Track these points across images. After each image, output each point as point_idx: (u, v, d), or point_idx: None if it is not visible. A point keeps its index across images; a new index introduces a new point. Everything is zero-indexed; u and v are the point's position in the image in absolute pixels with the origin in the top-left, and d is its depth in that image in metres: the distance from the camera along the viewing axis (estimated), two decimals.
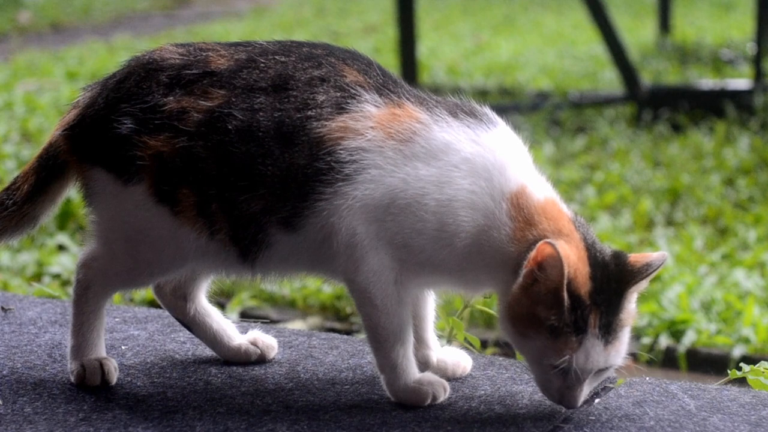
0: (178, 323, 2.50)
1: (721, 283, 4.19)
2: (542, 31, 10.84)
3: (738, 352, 3.63)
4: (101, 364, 2.15)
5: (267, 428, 1.98)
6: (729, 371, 2.33)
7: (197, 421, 2.01)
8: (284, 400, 2.10)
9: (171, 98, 2.04)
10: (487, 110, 2.08)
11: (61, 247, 4.49)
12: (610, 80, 7.77)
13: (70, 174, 2.16)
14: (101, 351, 2.18)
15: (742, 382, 2.31)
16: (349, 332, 3.70)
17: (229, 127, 2.02)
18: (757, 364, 2.31)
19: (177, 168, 2.03)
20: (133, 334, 2.44)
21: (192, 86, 2.05)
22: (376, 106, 2.04)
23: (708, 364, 3.65)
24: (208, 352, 2.31)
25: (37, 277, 4.12)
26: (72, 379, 2.16)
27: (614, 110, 6.95)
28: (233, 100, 2.03)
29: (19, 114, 6.77)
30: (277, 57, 2.08)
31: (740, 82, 7.09)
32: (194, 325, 2.27)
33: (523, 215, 2.00)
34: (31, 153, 5.75)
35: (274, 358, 2.29)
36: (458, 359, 2.21)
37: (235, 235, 2.05)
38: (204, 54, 2.09)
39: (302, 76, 2.05)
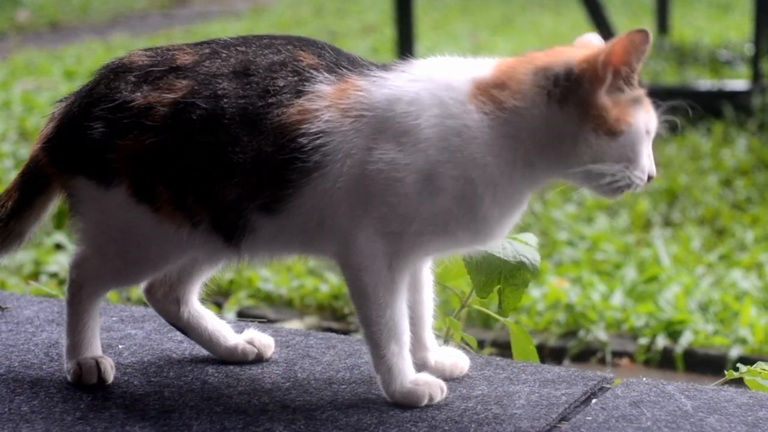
0: None
1: (719, 283, 4.20)
2: (540, 31, 10.84)
3: (735, 352, 3.63)
4: (97, 363, 2.15)
5: (264, 427, 1.98)
6: (726, 372, 2.33)
7: (194, 420, 2.01)
8: (281, 399, 2.10)
9: (138, 94, 2.04)
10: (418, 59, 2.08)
11: (58, 246, 4.49)
12: None
13: (53, 187, 2.16)
14: (97, 350, 2.18)
15: (739, 382, 2.31)
16: (346, 332, 3.71)
17: (194, 117, 2.02)
18: (754, 365, 2.32)
19: (149, 165, 2.03)
20: (130, 333, 2.44)
21: (158, 82, 2.05)
22: (327, 84, 2.02)
23: (705, 364, 3.66)
24: (205, 351, 2.31)
25: (35, 275, 4.12)
26: (69, 378, 2.16)
27: None
28: (196, 88, 2.03)
29: (17, 113, 6.77)
30: (239, 48, 2.08)
31: (738, 82, 7.09)
32: (189, 329, 2.27)
33: (491, 96, 1.97)
34: (29, 152, 5.75)
35: (271, 358, 2.29)
36: (456, 360, 2.21)
37: (217, 223, 2.05)
38: (170, 53, 2.10)
39: (262, 61, 2.05)
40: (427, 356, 2.17)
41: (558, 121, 1.96)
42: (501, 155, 1.97)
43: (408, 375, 2.05)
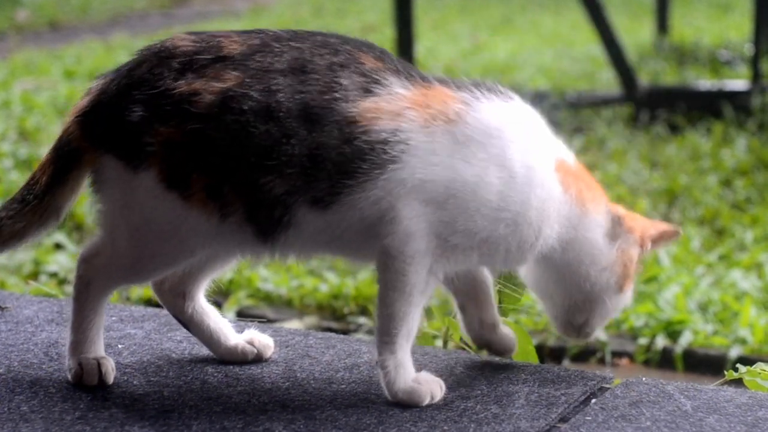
0: (174, 322, 2.50)
1: (718, 283, 4.20)
2: (540, 31, 10.85)
3: (735, 352, 3.63)
4: (99, 364, 2.14)
5: (263, 427, 1.98)
6: (726, 372, 2.33)
7: (193, 420, 2.01)
8: (281, 399, 2.10)
9: (182, 82, 2.03)
10: (500, 85, 2.14)
11: (58, 246, 4.49)
12: (607, 81, 7.78)
13: (85, 161, 2.13)
14: (100, 349, 2.17)
15: (738, 383, 2.31)
16: (345, 332, 3.71)
17: (245, 107, 2.01)
18: (754, 365, 2.32)
19: (187, 152, 2.02)
20: (130, 332, 2.44)
21: (204, 70, 2.04)
22: (405, 88, 2.05)
23: (705, 364, 3.66)
24: (204, 351, 2.31)
25: (34, 275, 4.12)
26: (69, 377, 2.15)
27: (612, 111, 6.96)
28: (247, 81, 2.02)
29: (17, 113, 6.77)
30: (291, 43, 2.08)
31: (738, 83, 7.10)
32: (191, 324, 2.27)
33: (570, 182, 2.11)
34: (28, 152, 5.75)
35: (270, 358, 2.29)
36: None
37: (251, 216, 2.03)
38: (217, 40, 2.08)
39: (320, 61, 2.05)
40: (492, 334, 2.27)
41: (606, 255, 2.17)
42: (561, 230, 2.13)
43: (411, 373, 2.06)
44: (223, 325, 2.27)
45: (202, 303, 2.25)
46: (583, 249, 2.15)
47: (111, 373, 2.15)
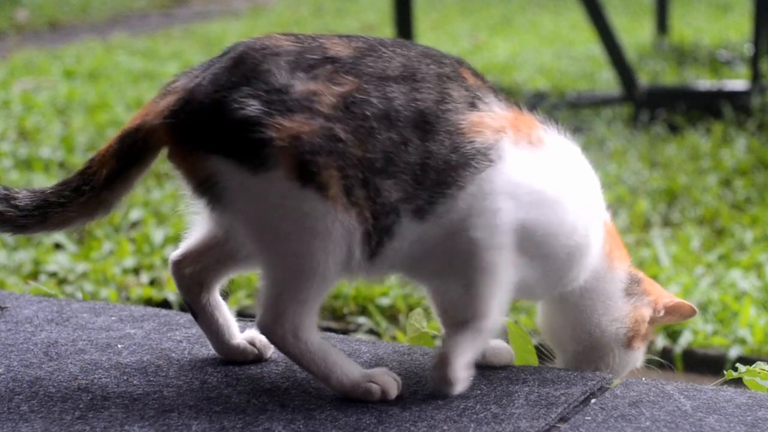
0: (174, 322, 2.50)
1: (718, 283, 4.19)
2: (540, 31, 10.85)
3: (734, 352, 3.63)
4: (387, 374, 2.09)
5: (263, 427, 1.98)
6: (725, 372, 2.33)
7: (193, 420, 2.01)
8: (280, 399, 2.10)
9: (297, 81, 1.99)
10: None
11: (57, 246, 4.49)
12: (607, 81, 7.78)
13: (152, 159, 2.06)
14: (356, 365, 2.09)
15: (738, 383, 2.31)
16: (345, 332, 3.71)
17: (368, 113, 2.00)
18: (754, 365, 2.32)
19: (319, 147, 1.96)
20: (129, 332, 2.44)
21: (315, 70, 2.01)
22: (500, 108, 2.11)
23: (704, 364, 3.66)
24: (204, 351, 2.31)
25: (34, 275, 4.12)
26: (369, 397, 2.06)
27: (611, 111, 6.95)
28: (365, 87, 2.01)
29: (16, 112, 6.77)
30: (397, 49, 2.09)
31: (737, 83, 7.09)
32: (202, 315, 2.23)
33: (608, 237, 2.23)
34: (28, 151, 5.75)
35: (270, 357, 2.29)
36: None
37: (374, 225, 2.01)
38: (317, 42, 2.06)
39: (429, 70, 2.07)
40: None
41: (620, 308, 2.26)
42: (587, 277, 2.22)
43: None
44: (231, 323, 2.26)
45: (216, 296, 2.24)
46: (600, 298, 2.23)
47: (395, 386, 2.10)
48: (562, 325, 2.28)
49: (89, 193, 2.08)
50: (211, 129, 1.99)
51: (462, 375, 2.10)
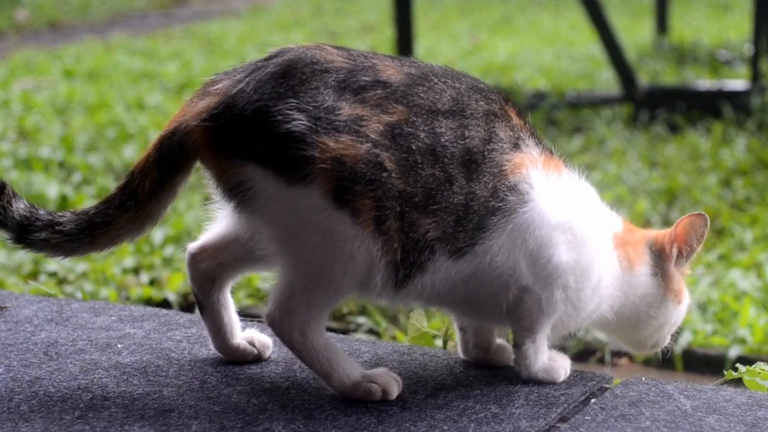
0: (174, 322, 2.50)
1: (718, 283, 4.19)
2: (539, 31, 10.85)
3: (734, 352, 3.63)
4: (388, 374, 2.09)
5: (263, 427, 1.98)
6: (725, 372, 2.33)
7: (193, 420, 2.01)
8: (280, 398, 2.10)
9: (344, 103, 1.95)
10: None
11: None
12: (607, 80, 7.78)
13: (192, 164, 2.03)
14: (357, 366, 2.10)
15: (738, 382, 2.31)
16: (345, 332, 3.70)
17: (413, 147, 1.96)
18: (753, 365, 2.32)
19: (360, 174, 1.93)
20: (129, 332, 2.44)
21: (364, 93, 1.97)
22: (537, 151, 2.10)
23: (704, 364, 3.66)
24: (204, 350, 2.31)
25: (34, 275, 4.12)
26: (370, 397, 2.07)
27: (611, 110, 6.95)
28: (414, 119, 1.97)
29: (16, 112, 6.77)
30: (448, 80, 2.05)
31: (737, 82, 7.09)
32: (209, 310, 2.22)
33: (621, 249, 2.19)
34: (27, 151, 5.75)
35: (269, 357, 2.29)
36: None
37: (403, 259, 1.99)
38: (369, 61, 2.01)
39: (477, 106, 2.04)
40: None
41: (657, 292, 2.22)
42: (613, 302, 2.19)
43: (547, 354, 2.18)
44: (235, 323, 2.26)
45: (227, 294, 2.24)
46: (644, 300, 2.20)
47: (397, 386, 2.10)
48: (630, 334, 2.27)
49: (134, 208, 2.05)
50: (252, 138, 1.95)
51: (548, 365, 2.16)
